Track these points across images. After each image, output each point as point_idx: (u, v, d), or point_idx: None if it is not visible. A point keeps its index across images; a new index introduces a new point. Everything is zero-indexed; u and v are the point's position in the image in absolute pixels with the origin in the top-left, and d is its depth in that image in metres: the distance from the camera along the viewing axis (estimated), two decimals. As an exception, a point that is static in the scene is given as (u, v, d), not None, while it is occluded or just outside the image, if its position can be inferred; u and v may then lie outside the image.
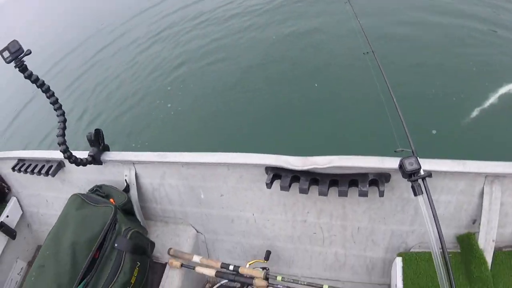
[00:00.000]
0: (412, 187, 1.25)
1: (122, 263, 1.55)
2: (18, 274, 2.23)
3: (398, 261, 1.57)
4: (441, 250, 1.18)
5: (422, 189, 1.24)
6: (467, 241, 1.51)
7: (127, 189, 1.89)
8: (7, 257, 2.18)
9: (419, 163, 1.26)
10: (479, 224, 1.46)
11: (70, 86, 6.65)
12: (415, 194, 1.25)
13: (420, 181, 1.25)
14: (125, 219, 1.72)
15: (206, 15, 7.19)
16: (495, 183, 1.40)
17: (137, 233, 1.66)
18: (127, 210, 1.84)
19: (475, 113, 3.57)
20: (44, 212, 2.26)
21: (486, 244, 1.44)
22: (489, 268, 1.44)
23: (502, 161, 1.39)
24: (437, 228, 1.17)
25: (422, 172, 1.24)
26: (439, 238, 1.17)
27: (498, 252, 1.50)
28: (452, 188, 1.45)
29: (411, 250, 1.61)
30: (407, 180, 1.29)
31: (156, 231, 1.96)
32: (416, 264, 1.55)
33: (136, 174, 1.87)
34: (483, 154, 2.31)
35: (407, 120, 1.49)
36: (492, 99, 3.65)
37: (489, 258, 1.44)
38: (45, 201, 2.21)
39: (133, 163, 1.86)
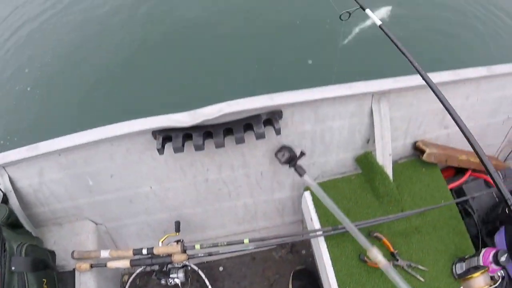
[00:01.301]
0: (296, 171, 1.44)
1: (27, 286, 1.37)
2: None
3: (307, 195, 1.62)
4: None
5: (304, 169, 1.45)
6: (365, 161, 1.60)
7: (5, 199, 1.62)
8: None
9: (293, 151, 1.48)
10: (374, 142, 1.54)
11: None
12: (300, 176, 1.44)
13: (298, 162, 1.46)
14: (13, 234, 1.50)
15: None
16: (382, 100, 1.47)
17: (32, 247, 1.47)
18: (13, 223, 1.59)
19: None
20: None
21: (384, 159, 1.55)
22: (391, 180, 1.57)
23: (385, 78, 1.45)
24: None
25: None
26: None
27: (395, 164, 1.63)
28: (343, 112, 1.49)
29: (316, 182, 1.67)
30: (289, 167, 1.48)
31: (52, 238, 1.75)
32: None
33: (10, 178, 1.61)
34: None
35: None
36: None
37: (389, 172, 1.56)
38: None
39: (3, 166, 1.58)
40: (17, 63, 4.31)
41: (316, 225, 1.54)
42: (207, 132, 1.40)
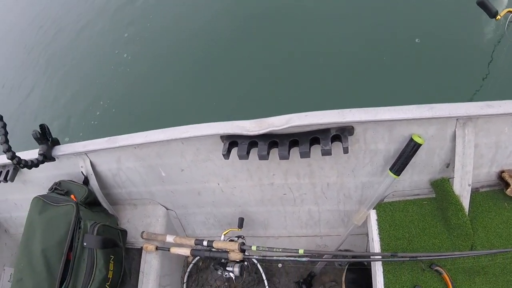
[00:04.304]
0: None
1: (95, 261, 1.56)
2: (8, 281, 2.27)
3: (372, 214, 1.56)
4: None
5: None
6: (441, 187, 1.47)
7: (86, 181, 1.84)
8: None
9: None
10: (453, 168, 1.41)
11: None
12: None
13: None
14: (89, 213, 1.71)
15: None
16: (468, 125, 1.32)
17: (104, 227, 1.64)
18: (91, 202, 1.82)
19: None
20: (17, 215, 2.23)
21: (462, 189, 1.41)
22: (467, 213, 1.42)
23: (473, 102, 1.30)
24: None
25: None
26: None
27: (475, 193, 1.48)
28: (422, 134, 1.37)
29: (385, 201, 1.59)
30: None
31: (126, 216, 1.95)
32: (391, 215, 1.54)
33: (91, 163, 1.81)
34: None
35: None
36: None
37: (465, 204, 1.42)
38: (14, 204, 2.18)
39: (86, 153, 1.78)
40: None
41: (377, 246, 1.48)
42: (273, 141, 1.40)
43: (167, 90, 3.97)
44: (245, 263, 1.75)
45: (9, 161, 1.80)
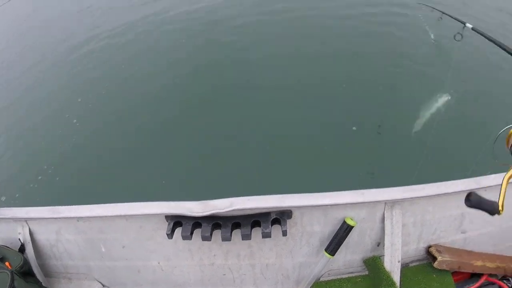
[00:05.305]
0: None
1: None
2: None
3: None
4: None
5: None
6: (373, 264, 1.56)
7: (22, 248, 1.75)
8: None
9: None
10: (384, 246, 1.52)
11: None
12: None
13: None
14: (24, 284, 1.61)
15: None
16: (395, 208, 1.45)
17: None
18: (26, 271, 1.71)
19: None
20: None
21: (392, 265, 1.51)
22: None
23: (400, 186, 1.44)
24: None
25: None
26: None
27: (405, 268, 1.59)
28: (354, 217, 1.48)
29: (321, 280, 1.65)
30: None
31: None
32: None
33: (30, 231, 1.74)
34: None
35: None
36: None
37: (396, 279, 1.52)
38: None
39: (26, 220, 1.71)
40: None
41: None
42: (215, 223, 1.43)
43: (113, 163, 3.88)
44: None
45: None
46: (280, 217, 1.40)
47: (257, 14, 5.69)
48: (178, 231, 1.46)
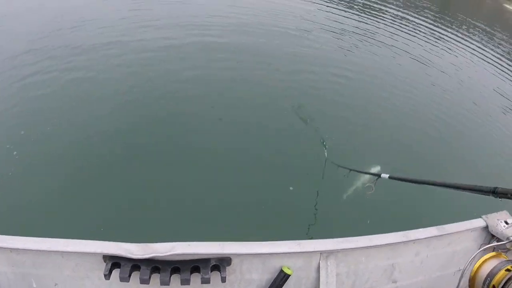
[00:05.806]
0: None
1: None
2: None
3: None
4: None
5: None
6: None
7: None
8: None
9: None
10: None
11: None
12: None
13: None
14: None
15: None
16: (330, 258, 1.55)
17: None
18: None
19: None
20: None
21: None
22: None
23: (335, 238, 1.56)
24: None
25: None
26: None
27: None
28: (291, 266, 1.54)
29: None
30: None
31: None
32: None
33: None
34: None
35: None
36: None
37: None
38: None
39: None
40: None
41: None
42: (155, 267, 1.43)
43: (48, 199, 3.75)
44: None
45: None
46: (220, 263, 1.44)
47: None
48: (115, 272, 1.43)
